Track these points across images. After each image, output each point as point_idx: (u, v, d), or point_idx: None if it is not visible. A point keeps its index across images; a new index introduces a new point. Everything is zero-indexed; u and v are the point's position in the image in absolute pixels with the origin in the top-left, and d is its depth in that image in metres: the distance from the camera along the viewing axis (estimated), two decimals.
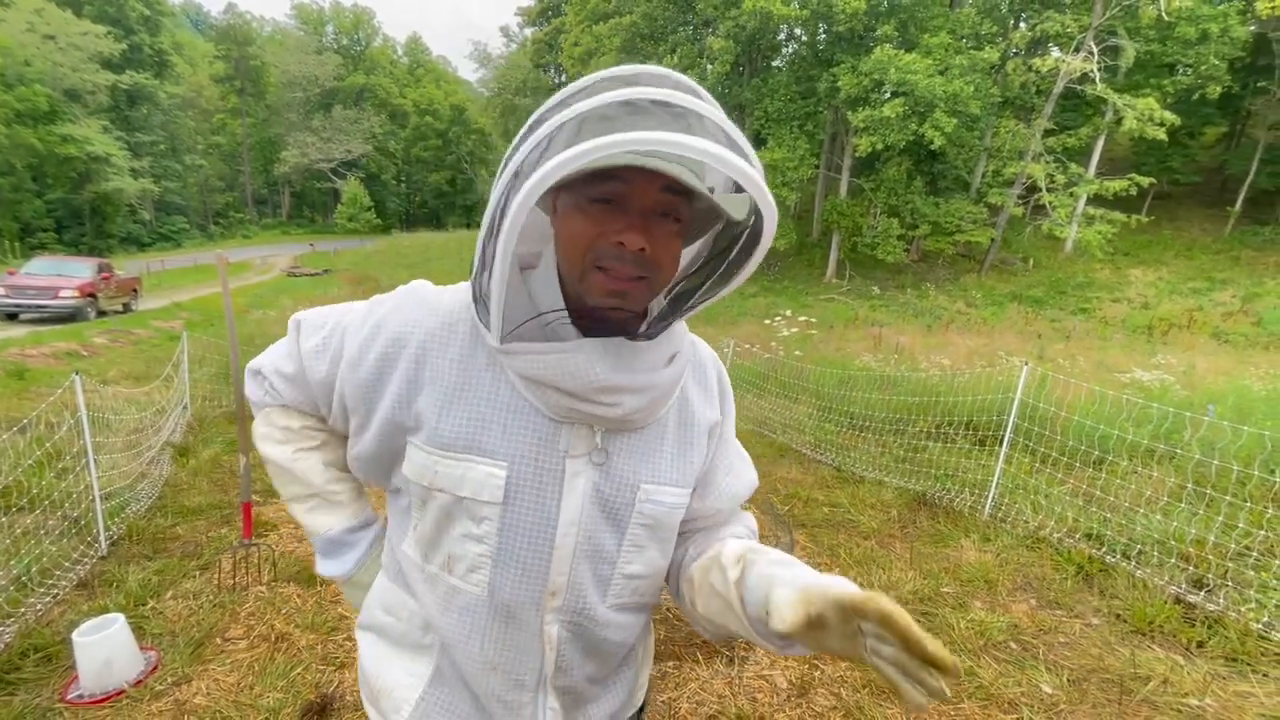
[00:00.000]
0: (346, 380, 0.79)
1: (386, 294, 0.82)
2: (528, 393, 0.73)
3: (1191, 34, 19.29)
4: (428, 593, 0.80)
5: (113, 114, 35.92)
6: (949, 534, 3.72)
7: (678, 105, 0.57)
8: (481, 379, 0.74)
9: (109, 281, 13.80)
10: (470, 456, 0.73)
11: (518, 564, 0.74)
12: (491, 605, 0.76)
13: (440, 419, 0.73)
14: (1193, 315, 17.13)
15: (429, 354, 0.74)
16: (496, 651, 0.77)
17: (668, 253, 0.68)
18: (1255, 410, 4.98)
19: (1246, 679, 2.42)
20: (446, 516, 0.75)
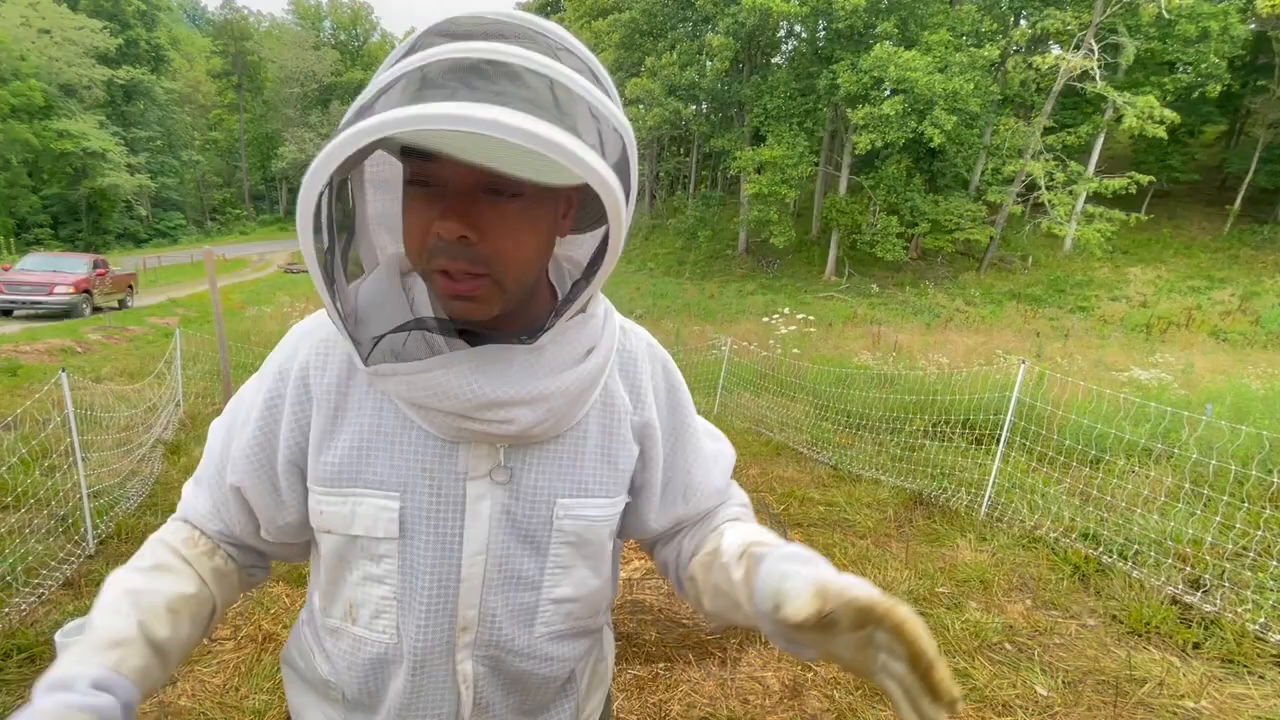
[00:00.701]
0: (240, 445, 0.68)
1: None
2: (412, 412, 0.63)
3: (1192, 32, 19.26)
4: (334, 647, 0.72)
5: (109, 109, 35.80)
6: (945, 533, 3.70)
7: (488, 60, 0.47)
8: (363, 402, 0.65)
9: (104, 278, 13.75)
10: (356, 490, 0.65)
11: (423, 603, 0.66)
12: (400, 652, 0.68)
13: (321, 451, 0.65)
14: (1191, 314, 17.13)
15: (309, 380, 0.66)
16: (406, 702, 0.70)
17: (507, 237, 0.56)
18: (1253, 409, 4.97)
19: (1243, 681, 2.40)
20: (340, 560, 0.68)
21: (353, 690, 0.72)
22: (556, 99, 0.48)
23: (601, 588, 0.75)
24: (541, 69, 0.48)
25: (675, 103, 24.31)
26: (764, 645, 2.54)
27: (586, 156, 0.45)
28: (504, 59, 0.47)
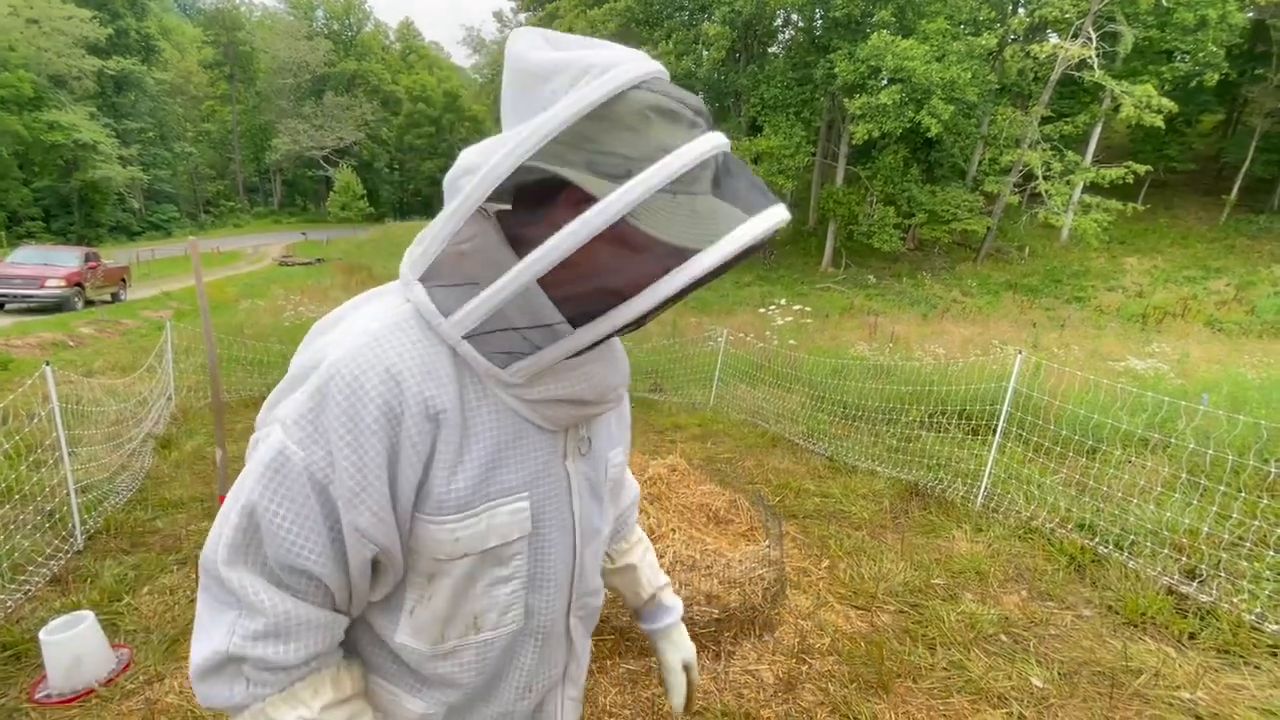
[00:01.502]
0: (371, 510, 0.59)
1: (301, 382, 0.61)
2: (528, 412, 0.66)
3: (1190, 20, 19.16)
4: (450, 668, 0.70)
5: (99, 100, 35.38)
6: (941, 524, 3.68)
7: (730, 156, 0.57)
8: (480, 416, 0.64)
9: (96, 271, 13.63)
10: (489, 505, 0.65)
11: (552, 581, 0.73)
12: (528, 632, 0.74)
13: (449, 480, 0.62)
14: (1187, 303, 17.15)
15: (430, 407, 0.60)
16: (533, 673, 0.76)
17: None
18: (1249, 399, 4.96)
19: (1239, 671, 2.39)
20: (469, 579, 0.67)
21: (477, 692, 0.73)
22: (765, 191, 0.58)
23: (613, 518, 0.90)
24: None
25: None
26: (758, 639, 2.53)
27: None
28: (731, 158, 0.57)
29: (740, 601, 2.50)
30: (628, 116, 0.53)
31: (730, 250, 0.52)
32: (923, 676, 2.36)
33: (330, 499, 0.59)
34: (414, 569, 0.66)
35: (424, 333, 0.62)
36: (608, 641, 2.40)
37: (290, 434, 0.59)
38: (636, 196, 0.51)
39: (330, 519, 0.59)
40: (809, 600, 2.83)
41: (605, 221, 0.51)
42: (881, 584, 2.97)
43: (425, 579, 0.67)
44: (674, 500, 3.25)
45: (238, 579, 0.59)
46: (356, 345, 0.59)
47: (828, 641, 2.54)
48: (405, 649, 0.69)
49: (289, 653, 0.60)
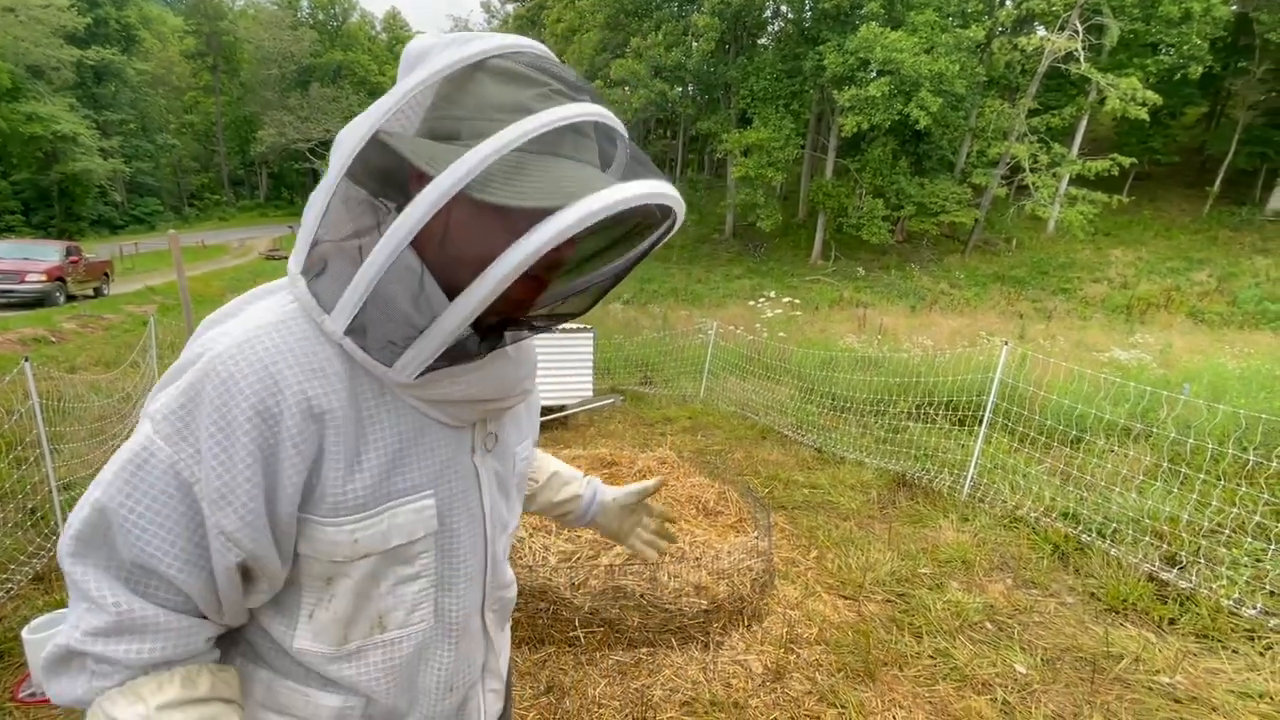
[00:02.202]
0: (237, 513, 0.56)
1: (179, 376, 0.58)
2: (430, 409, 0.64)
3: (1174, 13, 19.30)
4: (354, 670, 0.68)
5: (79, 91, 34.73)
6: (928, 514, 3.72)
7: (613, 129, 0.57)
8: (377, 415, 0.62)
9: (78, 265, 13.44)
10: (390, 504, 0.63)
11: (462, 578, 0.72)
12: (440, 630, 0.72)
13: (345, 481, 0.60)
14: (1170, 295, 17.37)
15: (314, 408, 0.57)
16: (452, 671, 0.74)
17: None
18: (1230, 388, 5.04)
19: (1217, 655, 2.44)
20: (372, 579, 0.65)
21: (389, 695, 0.70)
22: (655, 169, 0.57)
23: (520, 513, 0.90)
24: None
25: (661, 85, 24.02)
26: (747, 629, 2.54)
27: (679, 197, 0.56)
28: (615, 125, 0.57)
29: (729, 592, 2.52)
30: (485, 84, 0.53)
31: (593, 209, 0.48)
32: (909, 664, 2.39)
33: (194, 499, 0.56)
34: (308, 573, 0.64)
35: (310, 330, 0.59)
36: (597, 633, 2.41)
37: (159, 429, 0.56)
38: (484, 157, 0.48)
39: (193, 520, 0.56)
40: (797, 590, 2.85)
41: (454, 184, 0.48)
42: (869, 574, 3.00)
43: (323, 581, 0.64)
44: (663, 493, 3.26)
45: (81, 573, 0.56)
46: (236, 342, 0.57)
47: (815, 631, 2.56)
48: (305, 653, 0.66)
49: (131, 653, 0.57)
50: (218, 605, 0.61)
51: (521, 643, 2.42)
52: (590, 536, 2.67)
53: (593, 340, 5.78)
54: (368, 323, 0.56)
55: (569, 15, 29.59)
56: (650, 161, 0.57)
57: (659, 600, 2.42)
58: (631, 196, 0.50)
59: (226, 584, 0.59)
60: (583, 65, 27.51)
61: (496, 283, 0.50)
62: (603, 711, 2.12)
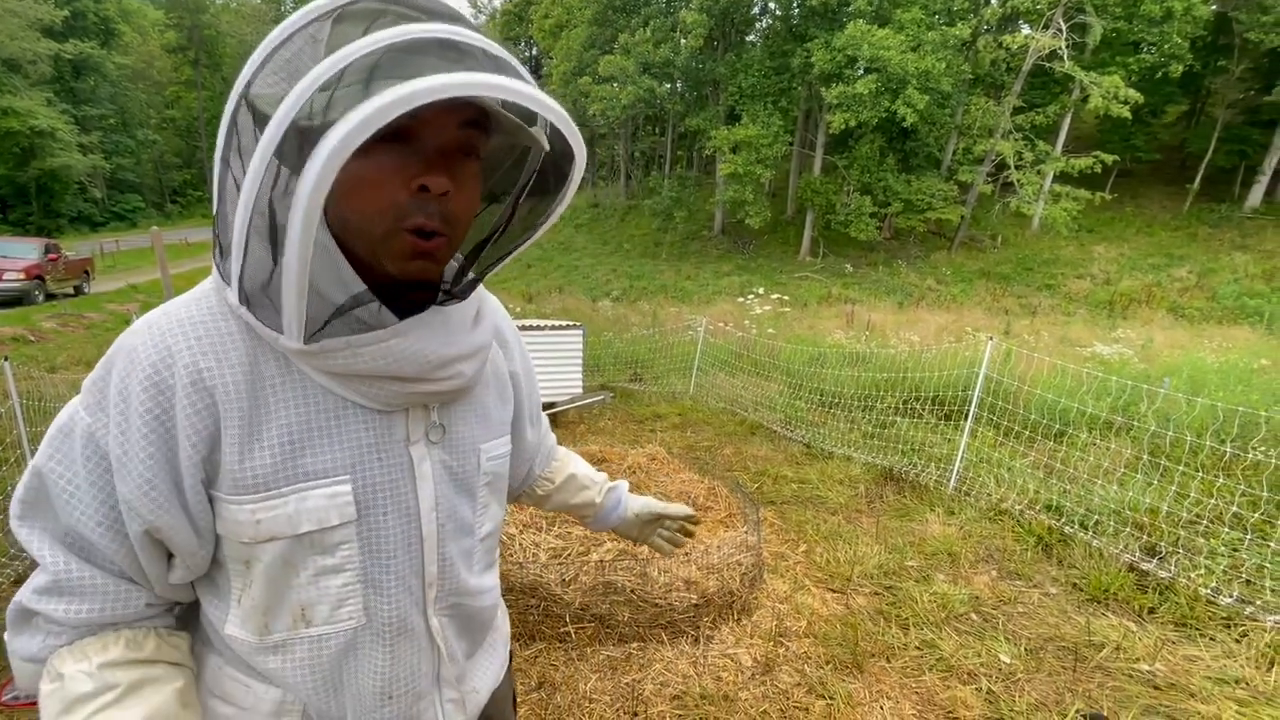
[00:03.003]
0: (134, 482, 0.57)
1: (100, 362, 0.61)
2: (345, 390, 0.62)
3: (1156, 12, 19.52)
4: (282, 664, 0.66)
5: (57, 85, 34.06)
6: (914, 508, 3.77)
7: (461, 43, 0.52)
8: (280, 393, 0.60)
9: (57, 263, 13.23)
10: (296, 486, 0.61)
11: (393, 575, 0.67)
12: (373, 631, 0.68)
13: (243, 458, 0.59)
14: (1152, 291, 17.62)
15: (204, 380, 0.58)
16: (389, 677, 0.70)
17: (469, 196, 0.60)
18: (1208, 382, 5.13)
19: (1195, 643, 2.50)
20: (285, 565, 0.63)
21: (319, 696, 0.68)
22: (523, 73, 0.56)
23: (502, 519, 0.85)
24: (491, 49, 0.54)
25: (649, 81, 23.96)
26: (736, 623, 2.57)
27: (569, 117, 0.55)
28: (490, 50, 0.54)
29: (719, 587, 2.54)
30: (327, 29, 0.52)
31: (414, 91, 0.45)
32: (896, 656, 2.42)
33: (106, 464, 0.58)
34: (229, 554, 0.64)
35: (218, 307, 0.60)
36: (588, 629, 2.42)
37: (83, 399, 0.60)
38: (308, 84, 0.46)
39: (105, 485, 0.59)
40: (786, 584, 2.88)
41: (283, 117, 0.47)
42: (857, 567, 3.03)
43: (243, 565, 0.64)
44: (654, 489, 3.28)
45: (26, 534, 0.60)
46: (146, 320, 0.61)
47: (804, 624, 2.59)
48: (234, 640, 0.66)
49: (70, 611, 0.60)
50: (142, 573, 0.63)
51: (512, 639, 2.42)
52: (581, 533, 2.68)
53: (582, 337, 5.78)
54: (253, 289, 0.56)
55: (557, 11, 29.44)
56: (519, 68, 0.55)
57: (649, 595, 2.43)
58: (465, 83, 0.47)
59: (142, 553, 0.61)
60: (571, 61, 27.40)
61: (314, 182, 0.46)
62: (594, 706, 2.13)
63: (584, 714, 2.11)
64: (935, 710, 2.16)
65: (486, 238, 0.69)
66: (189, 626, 0.71)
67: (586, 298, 17.09)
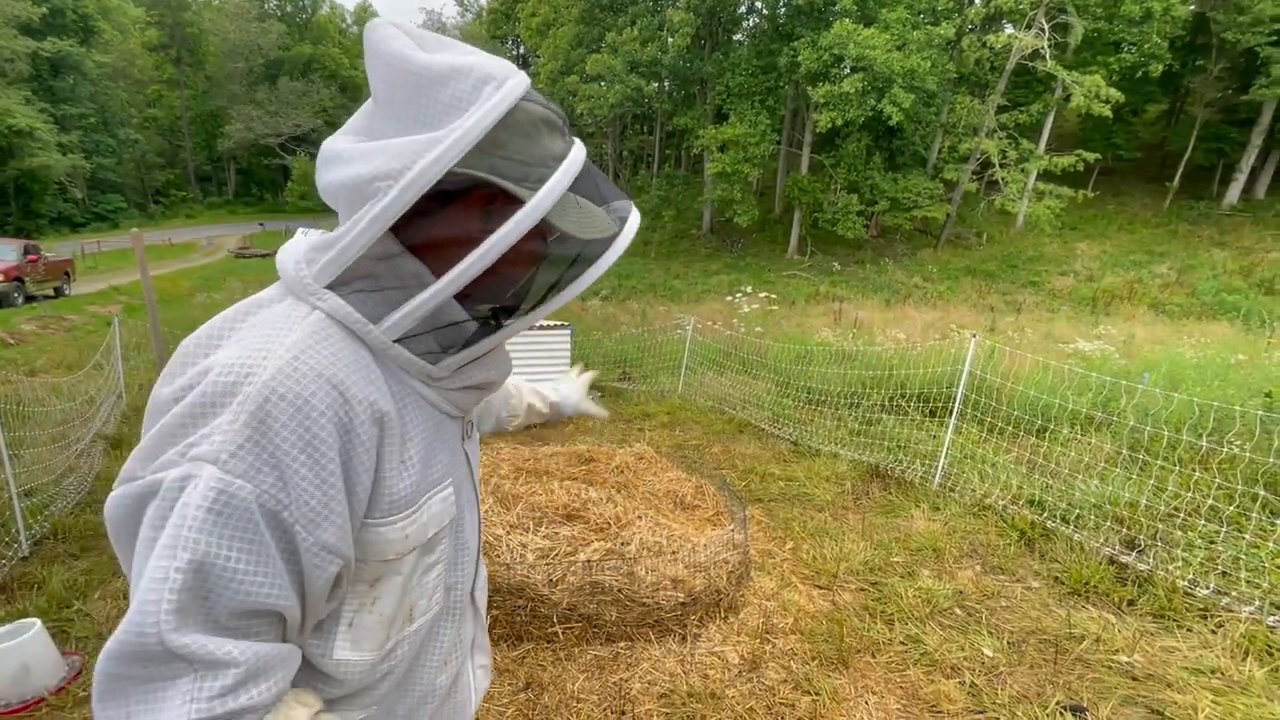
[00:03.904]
0: (338, 526, 0.58)
1: (214, 410, 0.54)
2: (443, 402, 0.70)
3: (1136, 12, 19.79)
4: (386, 669, 0.70)
5: (35, 84, 33.49)
6: (900, 504, 3.80)
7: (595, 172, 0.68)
8: (412, 414, 0.66)
9: (37, 264, 13.02)
10: (425, 496, 0.67)
11: (467, 558, 0.79)
12: (446, 610, 0.77)
13: (399, 480, 0.64)
14: (1133, 287, 17.86)
15: (375, 409, 0.60)
16: (449, 648, 0.79)
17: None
18: (1186, 377, 5.21)
19: (1172, 634, 2.54)
20: (412, 573, 0.69)
21: (408, 681, 0.75)
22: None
23: None
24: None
25: (637, 80, 23.93)
26: (724, 621, 2.58)
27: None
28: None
29: (706, 585, 2.55)
30: (525, 124, 0.60)
31: (628, 238, 0.64)
32: (881, 651, 2.45)
33: (284, 525, 0.55)
34: (359, 577, 0.65)
35: (347, 339, 0.61)
36: (575, 629, 2.43)
37: (230, 469, 0.52)
38: (555, 196, 0.58)
39: (286, 547, 0.55)
40: (773, 581, 2.90)
41: (532, 221, 0.58)
42: (843, 563, 3.06)
43: (368, 585, 0.65)
44: (641, 488, 3.29)
45: (192, 642, 0.51)
46: (286, 361, 0.56)
47: (791, 621, 2.61)
48: (345, 664, 0.66)
49: (264, 693, 0.55)
50: (303, 622, 0.61)
51: (500, 639, 2.43)
52: (568, 533, 2.68)
53: (570, 336, 5.77)
54: (420, 331, 0.62)
55: (544, 9, 29.31)
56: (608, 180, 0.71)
57: (636, 594, 2.44)
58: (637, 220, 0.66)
59: (318, 599, 0.60)
60: (558, 60, 27.30)
61: (558, 304, 0.64)
62: (581, 706, 2.14)
63: (572, 714, 2.11)
64: (919, 704, 2.19)
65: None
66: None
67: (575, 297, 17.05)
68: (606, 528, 2.73)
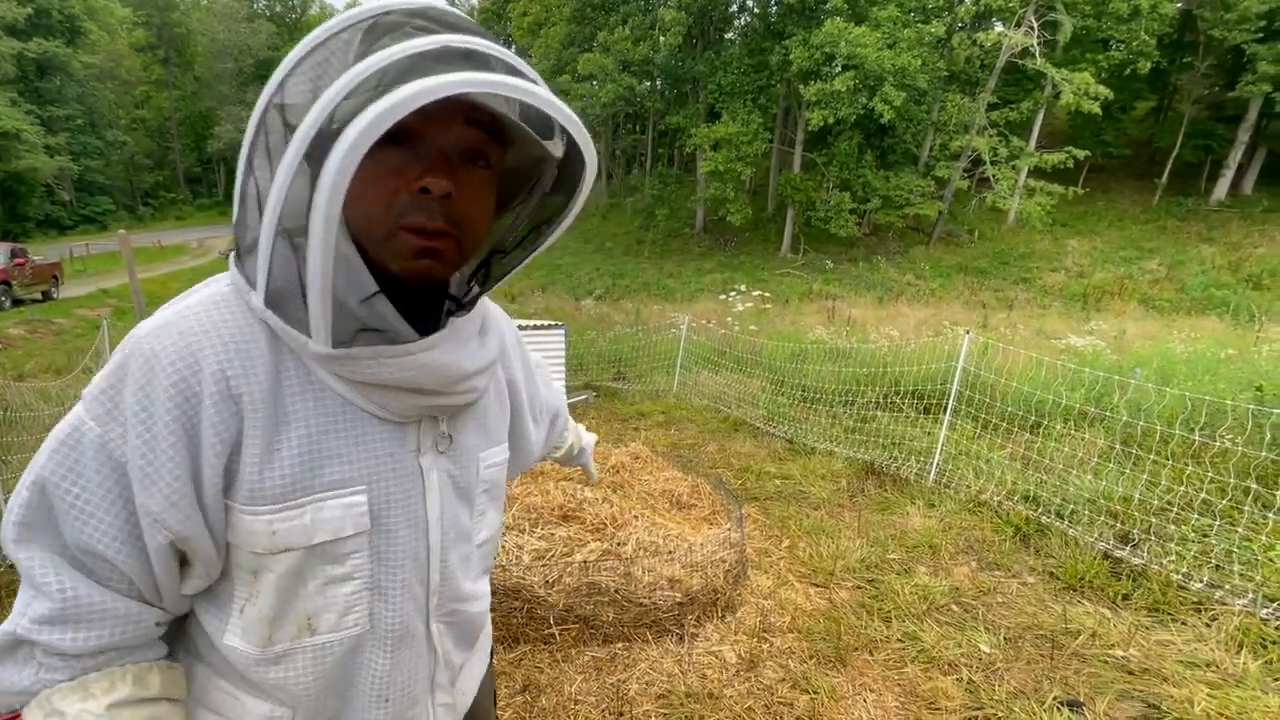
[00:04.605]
0: (162, 492, 0.55)
1: (107, 369, 0.58)
2: (363, 400, 0.62)
3: (1124, 10, 19.92)
4: (282, 674, 0.66)
5: (20, 85, 33.15)
6: (895, 501, 3.81)
7: (484, 54, 0.54)
8: (299, 401, 0.60)
9: (24, 268, 12.91)
10: (313, 497, 0.60)
11: (399, 583, 0.68)
12: (376, 637, 0.68)
13: (263, 469, 0.59)
14: (1124, 283, 17.99)
15: (232, 387, 0.57)
16: (387, 681, 0.70)
17: (477, 205, 0.61)
18: (1177, 372, 5.25)
19: (1167, 628, 2.55)
20: (296, 576, 0.62)
21: (315, 702, 0.68)
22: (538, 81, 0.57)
23: (499, 526, 0.85)
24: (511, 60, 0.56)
25: (629, 79, 23.92)
26: (721, 620, 2.58)
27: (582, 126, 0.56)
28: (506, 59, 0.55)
29: (703, 584, 2.55)
30: (354, 42, 0.54)
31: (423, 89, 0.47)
32: (879, 649, 2.45)
33: (127, 478, 0.56)
34: (237, 564, 0.62)
35: (240, 310, 0.59)
36: (572, 630, 2.42)
37: (89, 409, 0.56)
38: (337, 90, 0.48)
39: (127, 500, 0.56)
40: (770, 580, 2.90)
41: (315, 119, 0.49)
42: (839, 561, 3.06)
43: (251, 574, 0.63)
44: (637, 488, 3.28)
45: (26, 557, 0.56)
46: (161, 322, 0.58)
47: (788, 619, 2.61)
48: (234, 651, 0.65)
49: (79, 641, 0.56)
50: (156, 589, 0.60)
51: (496, 642, 2.41)
52: (564, 534, 2.67)
53: (564, 336, 5.76)
54: (280, 291, 0.56)
55: (535, 8, 29.24)
56: (535, 77, 0.56)
57: (633, 595, 2.43)
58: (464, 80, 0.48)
59: (160, 566, 0.59)
60: (550, 59, 27.25)
61: (331, 182, 0.48)
62: (579, 708, 2.13)
63: (569, 716, 2.10)
64: (917, 701, 2.19)
65: (492, 251, 0.70)
66: (177, 644, 0.70)
67: (570, 297, 17.04)
68: (603, 528, 2.72)
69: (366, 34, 0.54)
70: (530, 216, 0.69)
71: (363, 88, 0.49)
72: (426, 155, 0.56)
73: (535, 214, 0.68)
